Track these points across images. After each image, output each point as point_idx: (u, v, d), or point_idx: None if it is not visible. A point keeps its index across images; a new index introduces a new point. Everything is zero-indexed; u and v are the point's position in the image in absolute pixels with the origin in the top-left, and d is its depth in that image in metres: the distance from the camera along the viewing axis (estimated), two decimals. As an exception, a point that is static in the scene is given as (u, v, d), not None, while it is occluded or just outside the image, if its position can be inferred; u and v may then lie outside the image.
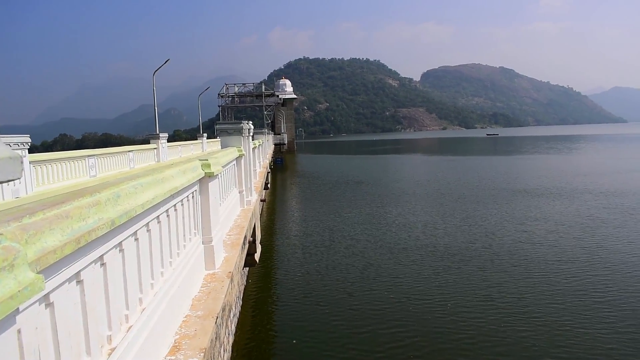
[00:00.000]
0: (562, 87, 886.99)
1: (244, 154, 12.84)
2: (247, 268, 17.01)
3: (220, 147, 13.48)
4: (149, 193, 4.19)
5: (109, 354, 3.41)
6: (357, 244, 21.92)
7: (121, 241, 3.74)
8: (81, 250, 2.90)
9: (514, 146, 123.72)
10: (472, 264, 18.16)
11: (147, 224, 4.45)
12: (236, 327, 12.77)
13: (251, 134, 14.99)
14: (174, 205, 5.49)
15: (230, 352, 10.08)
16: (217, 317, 5.46)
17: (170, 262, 5.34)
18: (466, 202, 32.21)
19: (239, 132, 13.03)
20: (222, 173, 9.24)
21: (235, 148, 12.02)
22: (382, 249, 20.78)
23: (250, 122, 15.17)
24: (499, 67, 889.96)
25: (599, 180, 41.98)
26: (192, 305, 5.82)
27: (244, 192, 13.11)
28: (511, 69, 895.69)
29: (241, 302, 14.71)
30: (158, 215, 4.84)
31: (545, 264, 17.76)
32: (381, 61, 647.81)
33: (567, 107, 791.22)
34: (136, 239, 4.17)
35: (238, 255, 8.11)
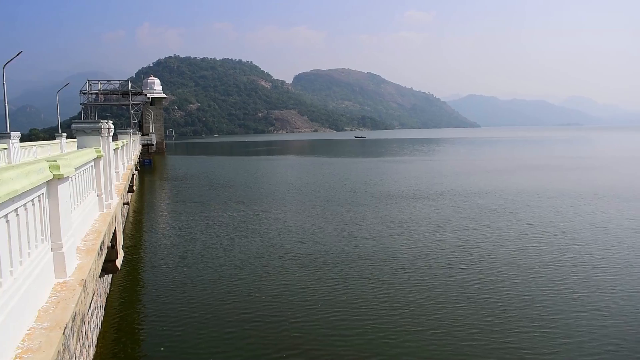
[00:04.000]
0: (424, 93, 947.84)
1: (102, 155, 12.20)
2: (111, 276, 16.16)
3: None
4: (-20, 197, 3.86)
5: None
6: (227, 249, 21.69)
7: (-55, 250, 3.42)
8: None
9: (382, 148, 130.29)
10: (343, 265, 18.60)
11: (-21, 231, 4.10)
12: (98, 339, 12.10)
13: (112, 134, 14.30)
14: (15, 210, 5.10)
15: (90, 365, 9.56)
16: (66, 328, 5.16)
17: (11, 271, 4.95)
18: (338, 205, 33.03)
19: (98, 131, 12.37)
20: (75, 175, 8.71)
21: (92, 149, 11.38)
22: (253, 253, 20.73)
23: (111, 121, 14.49)
24: (367, 72, 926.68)
25: (461, 181, 45.55)
26: (38, 316, 5.43)
27: (104, 195, 12.45)
28: (378, 75, 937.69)
29: (103, 312, 13.96)
30: (-6, 221, 4.47)
31: (417, 264, 18.49)
32: (254, 63, 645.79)
33: (428, 112, 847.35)
34: (-35, 247, 3.82)
35: (94, 262, 7.71)
